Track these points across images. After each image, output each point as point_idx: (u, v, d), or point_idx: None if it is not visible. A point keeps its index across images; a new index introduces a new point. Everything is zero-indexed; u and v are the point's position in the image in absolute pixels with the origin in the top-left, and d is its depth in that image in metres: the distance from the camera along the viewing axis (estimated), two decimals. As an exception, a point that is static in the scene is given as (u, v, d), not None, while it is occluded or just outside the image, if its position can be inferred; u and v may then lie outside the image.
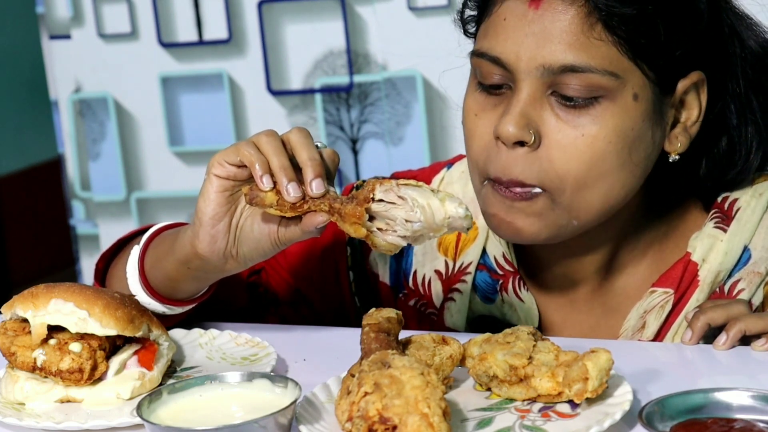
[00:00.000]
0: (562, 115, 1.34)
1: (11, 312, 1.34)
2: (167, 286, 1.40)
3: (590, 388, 1.16)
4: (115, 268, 1.52)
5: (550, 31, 1.33)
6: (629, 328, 1.46)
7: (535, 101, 1.35)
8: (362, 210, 1.25)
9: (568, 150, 1.34)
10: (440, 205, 1.24)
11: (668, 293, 1.46)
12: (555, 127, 1.34)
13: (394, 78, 2.82)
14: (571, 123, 1.34)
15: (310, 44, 2.88)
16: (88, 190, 3.20)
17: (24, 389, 1.31)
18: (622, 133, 1.35)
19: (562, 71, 1.33)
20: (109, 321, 1.30)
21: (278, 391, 1.20)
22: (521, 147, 1.35)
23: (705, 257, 1.45)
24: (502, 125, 1.34)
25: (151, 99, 3.05)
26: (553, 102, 1.35)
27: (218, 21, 2.95)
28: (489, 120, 1.38)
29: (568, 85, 1.33)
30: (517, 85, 1.35)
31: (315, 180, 1.26)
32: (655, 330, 1.45)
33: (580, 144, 1.34)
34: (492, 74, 1.37)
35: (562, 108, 1.34)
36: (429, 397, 1.09)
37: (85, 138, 3.14)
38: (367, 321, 1.27)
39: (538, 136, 1.35)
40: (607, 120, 1.34)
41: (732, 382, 1.23)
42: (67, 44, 3.10)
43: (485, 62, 1.38)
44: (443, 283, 1.54)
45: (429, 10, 2.77)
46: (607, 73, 1.33)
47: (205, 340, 1.46)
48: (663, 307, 1.45)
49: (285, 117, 2.94)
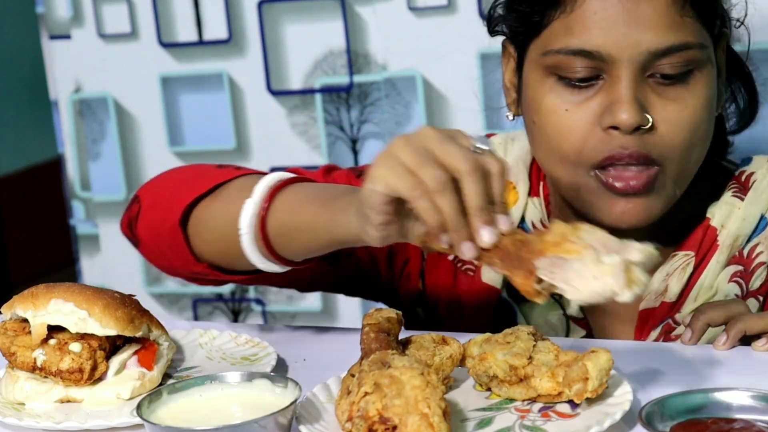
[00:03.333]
0: (663, 93, 1.39)
1: (11, 312, 1.34)
2: (294, 251, 1.34)
3: (590, 388, 1.16)
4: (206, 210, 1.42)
5: (649, 16, 1.37)
6: (652, 291, 1.49)
7: (638, 85, 1.38)
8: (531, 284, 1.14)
9: (676, 124, 1.39)
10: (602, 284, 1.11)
11: (689, 255, 1.49)
12: (660, 105, 1.38)
13: (394, 78, 2.82)
14: (672, 98, 1.39)
15: (310, 44, 2.88)
16: (88, 190, 3.19)
17: (24, 389, 1.31)
18: (711, 98, 1.42)
19: (665, 53, 1.37)
20: (109, 321, 1.30)
21: (278, 391, 1.20)
22: (637, 130, 1.38)
23: (723, 223, 1.50)
24: (619, 114, 1.37)
25: (151, 99, 3.05)
26: (652, 83, 1.39)
27: (218, 21, 2.95)
28: (586, 111, 1.39)
29: (667, 65, 1.37)
30: (616, 73, 1.37)
31: (482, 230, 1.15)
32: (677, 292, 1.48)
33: (685, 116, 1.39)
34: (580, 68, 1.39)
35: (661, 86, 1.39)
36: (429, 397, 1.09)
37: (85, 138, 3.14)
38: (367, 321, 1.27)
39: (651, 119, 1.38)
40: (701, 89, 1.40)
41: (732, 382, 1.23)
42: (67, 44, 3.10)
43: (574, 58, 1.39)
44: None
45: (429, 10, 2.76)
46: (700, 46, 1.39)
47: (205, 340, 1.46)
48: (684, 269, 1.49)
49: (285, 117, 2.94)
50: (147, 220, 1.48)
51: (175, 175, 1.52)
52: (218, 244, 1.40)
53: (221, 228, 1.38)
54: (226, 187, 1.42)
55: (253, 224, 1.33)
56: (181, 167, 1.54)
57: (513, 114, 1.51)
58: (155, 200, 1.48)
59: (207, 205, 1.42)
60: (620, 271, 1.10)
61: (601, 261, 1.10)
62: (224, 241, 1.38)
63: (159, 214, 1.46)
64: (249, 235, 1.33)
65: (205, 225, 1.41)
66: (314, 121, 2.92)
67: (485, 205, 1.14)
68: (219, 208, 1.40)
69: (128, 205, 1.53)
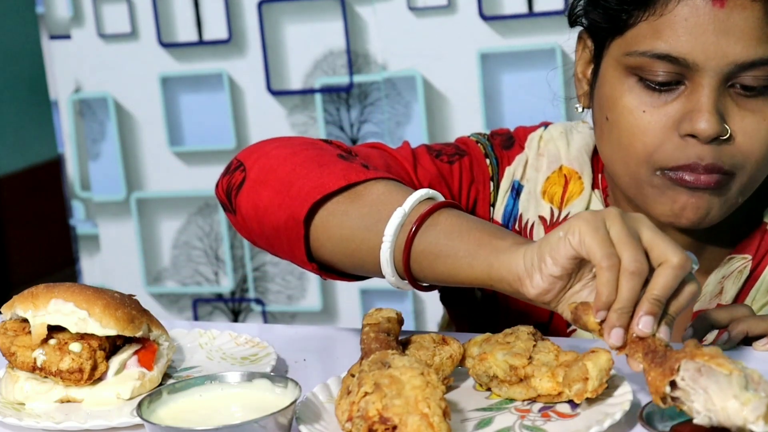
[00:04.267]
0: (743, 104, 1.39)
1: (11, 312, 1.34)
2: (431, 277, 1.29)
3: (590, 388, 1.16)
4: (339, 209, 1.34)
5: (741, 27, 1.36)
6: (707, 293, 1.49)
7: (719, 95, 1.38)
8: (664, 384, 1.10)
9: (753, 135, 1.39)
10: (739, 408, 1.05)
11: (746, 259, 1.49)
12: (739, 116, 1.38)
13: (394, 78, 2.82)
14: (751, 110, 1.39)
15: (310, 44, 2.88)
16: (88, 190, 3.20)
17: (24, 389, 1.31)
18: None
19: (751, 66, 1.37)
20: (109, 321, 1.30)
21: (278, 391, 1.20)
22: (714, 141, 1.38)
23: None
24: (699, 122, 1.36)
25: (151, 99, 3.05)
26: (732, 93, 1.39)
27: (218, 21, 2.95)
28: (664, 116, 1.39)
29: (751, 77, 1.37)
30: (699, 80, 1.37)
31: (645, 317, 1.14)
32: (733, 295, 1.48)
33: (763, 129, 1.39)
34: (663, 72, 1.39)
35: (742, 98, 1.39)
36: (429, 397, 1.09)
37: (85, 138, 3.14)
38: (367, 321, 1.27)
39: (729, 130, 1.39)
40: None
41: (732, 382, 1.23)
42: (67, 44, 3.10)
43: (658, 62, 1.38)
44: (546, 229, 1.55)
45: (429, 10, 2.77)
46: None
47: (205, 340, 1.46)
48: (741, 272, 1.49)
49: (285, 117, 2.94)
50: (254, 195, 1.39)
51: (287, 151, 1.41)
52: (344, 247, 1.33)
53: (354, 232, 1.32)
54: (365, 192, 1.34)
55: (398, 235, 1.28)
56: (287, 140, 1.44)
57: (583, 106, 1.51)
58: (267, 176, 1.39)
59: (340, 206, 1.34)
60: (764, 405, 1.05)
61: (748, 389, 1.06)
62: (353, 247, 1.32)
63: (272, 195, 1.37)
64: (390, 244, 1.28)
65: (335, 227, 1.34)
66: (314, 121, 2.92)
67: (663, 302, 1.14)
68: (356, 212, 1.33)
69: (228, 168, 1.44)
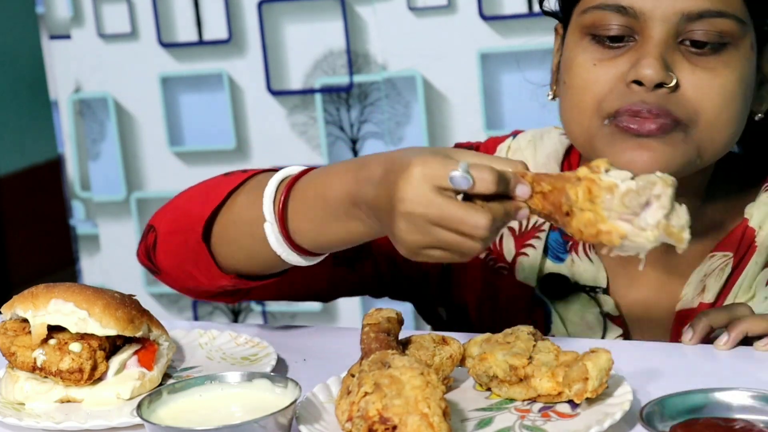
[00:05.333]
0: (695, 61, 1.38)
1: (11, 312, 1.34)
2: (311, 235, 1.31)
3: (590, 388, 1.16)
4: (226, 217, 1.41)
5: None
6: (690, 291, 1.48)
7: (668, 47, 1.38)
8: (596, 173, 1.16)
9: (705, 90, 1.38)
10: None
11: (727, 256, 1.49)
12: (689, 70, 1.38)
13: (394, 78, 2.82)
14: (703, 66, 1.38)
15: (310, 44, 2.88)
16: (88, 190, 3.19)
17: (24, 389, 1.31)
18: (746, 79, 1.40)
19: (698, 17, 1.36)
20: (109, 321, 1.30)
21: (278, 391, 1.20)
22: (659, 89, 1.37)
23: (761, 224, 1.49)
24: (643, 68, 1.36)
25: (151, 99, 3.05)
26: (684, 50, 1.38)
27: (218, 21, 2.95)
28: (613, 68, 1.40)
29: (700, 31, 1.37)
30: (647, 32, 1.38)
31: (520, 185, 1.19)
32: (715, 293, 1.48)
33: (715, 85, 1.38)
34: (614, 26, 1.39)
35: (693, 55, 1.38)
36: (429, 397, 1.09)
37: (85, 138, 3.14)
38: (367, 321, 1.27)
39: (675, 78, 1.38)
40: (735, 65, 1.39)
41: (732, 382, 1.23)
42: (67, 44, 3.10)
43: (608, 14, 1.39)
44: (516, 239, 1.55)
45: (429, 10, 2.77)
46: (737, 18, 1.38)
47: (205, 340, 1.46)
48: (723, 270, 1.48)
49: (285, 117, 2.94)
50: (166, 245, 1.47)
51: (185, 196, 1.50)
52: (243, 248, 1.38)
53: (245, 230, 1.37)
54: (241, 190, 1.41)
55: (273, 212, 1.32)
56: (189, 188, 1.52)
57: (553, 94, 1.51)
58: (172, 225, 1.47)
59: (226, 213, 1.41)
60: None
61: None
62: (249, 244, 1.37)
63: (178, 237, 1.45)
64: (273, 224, 1.32)
65: (227, 233, 1.40)
66: (314, 121, 2.92)
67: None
68: (238, 213, 1.39)
69: (143, 235, 1.52)
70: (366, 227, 1.26)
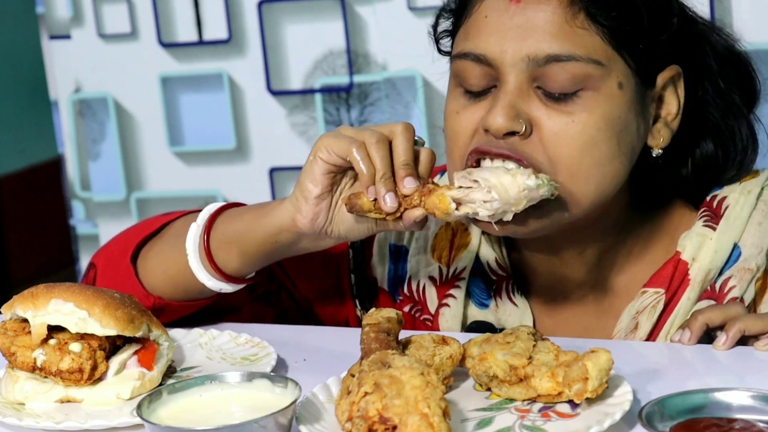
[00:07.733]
0: (552, 105, 1.35)
1: (11, 312, 1.34)
2: (235, 260, 1.44)
3: (590, 388, 1.16)
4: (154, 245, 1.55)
5: (534, 22, 1.34)
6: (622, 329, 1.47)
7: (522, 93, 1.35)
8: (441, 192, 1.30)
9: (561, 135, 1.34)
10: (512, 179, 1.28)
11: (659, 293, 1.46)
12: (545, 114, 1.35)
13: (394, 78, 2.82)
14: (560, 110, 1.35)
15: (310, 44, 2.88)
16: (88, 190, 3.19)
17: (24, 389, 1.31)
18: (611, 120, 1.35)
19: (546, 62, 1.34)
20: (109, 321, 1.30)
21: (278, 391, 1.20)
22: (512, 137, 1.35)
23: (695, 256, 1.46)
24: (491, 117, 1.35)
25: (151, 99, 3.05)
26: (540, 95, 1.36)
27: (218, 21, 2.95)
28: (473, 115, 1.39)
29: (552, 78, 1.34)
30: (502, 79, 1.36)
31: (406, 178, 1.31)
32: (647, 330, 1.45)
33: (572, 130, 1.34)
34: (475, 76, 1.38)
35: (550, 100, 1.35)
36: (429, 397, 1.09)
37: (85, 138, 3.14)
38: (367, 321, 1.27)
39: (529, 125, 1.35)
40: (595, 107, 1.35)
41: (732, 382, 1.23)
42: (67, 44, 3.10)
43: (469, 64, 1.38)
44: (437, 289, 1.54)
45: (429, 10, 2.76)
46: (591, 61, 1.34)
47: (205, 340, 1.46)
48: (655, 307, 1.45)
49: (285, 117, 2.94)
50: (103, 280, 1.56)
51: (124, 232, 1.62)
52: (168, 274, 1.50)
53: (169, 258, 1.49)
54: (172, 225, 1.55)
55: (197, 243, 1.45)
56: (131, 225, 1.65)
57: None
58: (108, 261, 1.57)
59: (155, 242, 1.54)
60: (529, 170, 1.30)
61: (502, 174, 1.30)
62: (173, 271, 1.48)
63: (113, 270, 1.55)
64: (194, 254, 1.45)
65: (153, 258, 1.52)
66: (314, 121, 2.92)
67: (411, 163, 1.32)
68: (166, 241, 1.52)
69: (85, 273, 1.61)
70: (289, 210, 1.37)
